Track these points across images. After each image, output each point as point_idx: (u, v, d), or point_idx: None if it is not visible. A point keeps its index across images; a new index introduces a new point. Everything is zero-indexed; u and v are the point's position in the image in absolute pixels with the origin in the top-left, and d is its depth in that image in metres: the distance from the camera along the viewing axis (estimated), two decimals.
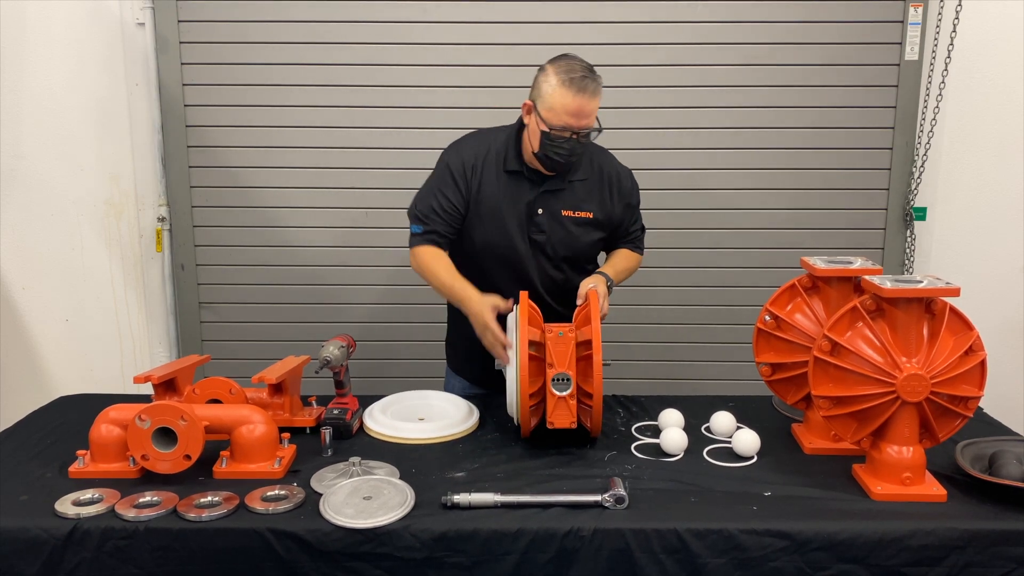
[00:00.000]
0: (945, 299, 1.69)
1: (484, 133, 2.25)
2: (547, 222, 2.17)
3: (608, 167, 2.25)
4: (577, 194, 2.19)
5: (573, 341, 1.85)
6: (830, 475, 1.79)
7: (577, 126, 2.01)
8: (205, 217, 3.27)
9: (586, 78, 1.99)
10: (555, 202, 2.17)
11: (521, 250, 2.18)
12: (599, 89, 2.02)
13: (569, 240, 2.20)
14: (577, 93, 1.98)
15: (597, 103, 2.03)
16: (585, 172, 2.20)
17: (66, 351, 3.37)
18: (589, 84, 1.99)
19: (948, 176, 3.25)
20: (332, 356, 1.99)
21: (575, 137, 2.03)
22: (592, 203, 2.20)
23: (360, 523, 1.55)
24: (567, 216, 2.18)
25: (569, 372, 1.82)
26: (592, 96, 2.00)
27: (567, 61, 2.04)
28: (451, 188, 2.15)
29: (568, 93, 1.98)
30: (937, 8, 3.09)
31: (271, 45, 3.14)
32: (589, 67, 2.03)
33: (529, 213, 2.16)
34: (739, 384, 3.26)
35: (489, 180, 2.15)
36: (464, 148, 2.21)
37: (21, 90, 3.16)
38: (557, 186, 2.16)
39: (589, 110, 2.01)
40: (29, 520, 1.57)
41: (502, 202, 2.15)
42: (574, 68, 2.00)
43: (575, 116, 1.99)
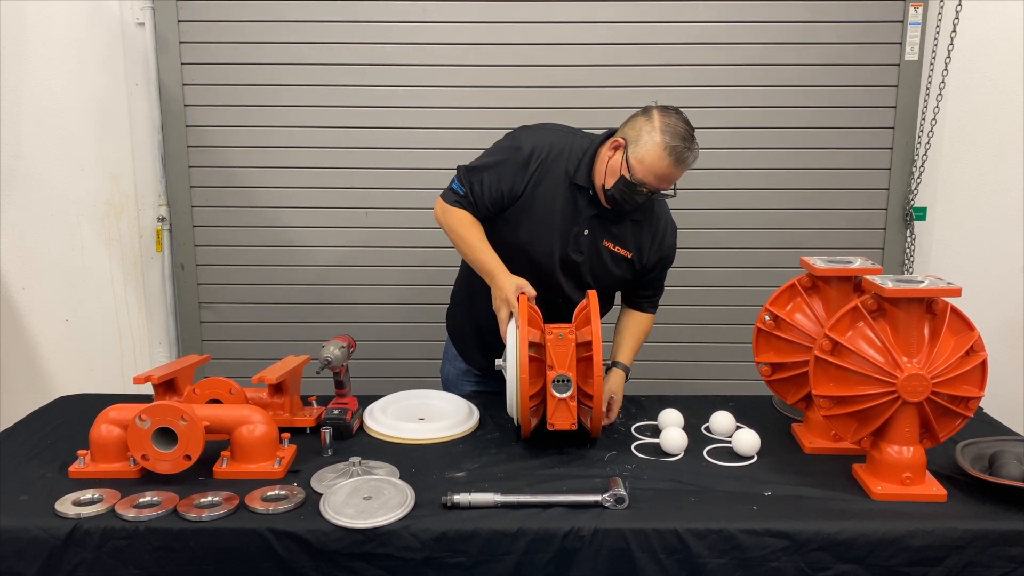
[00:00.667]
0: (946, 299, 1.69)
1: (564, 131, 2.18)
2: (587, 245, 2.12)
3: (662, 217, 2.19)
4: (626, 232, 2.13)
5: (573, 343, 1.85)
6: (830, 475, 1.79)
7: (659, 187, 1.99)
8: (205, 217, 3.27)
9: (688, 150, 1.94)
10: (600, 230, 2.12)
11: (555, 260, 2.13)
12: (695, 160, 1.98)
13: (601, 270, 2.15)
14: (675, 163, 1.94)
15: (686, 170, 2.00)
16: (641, 214, 2.13)
17: (66, 351, 3.37)
18: (689, 157, 1.95)
19: (948, 176, 3.25)
20: (332, 356, 1.99)
21: (651, 194, 2.01)
22: (633, 244, 2.15)
23: (360, 523, 1.55)
24: (607, 247, 2.13)
25: (569, 374, 1.82)
26: (687, 167, 1.97)
27: (675, 119, 1.96)
28: (512, 172, 2.07)
29: (667, 158, 1.93)
30: (937, 8, 3.09)
31: (271, 45, 3.14)
32: (692, 133, 1.97)
33: (574, 231, 2.11)
34: (739, 384, 3.26)
35: (553, 180, 2.09)
36: (543, 136, 2.12)
37: (21, 90, 3.16)
38: (610, 216, 2.11)
39: (675, 177, 1.99)
40: (29, 520, 1.57)
41: (555, 209, 2.10)
42: (679, 133, 1.94)
43: (662, 181, 1.98)
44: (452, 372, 2.45)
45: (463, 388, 2.40)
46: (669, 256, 2.24)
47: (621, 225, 2.13)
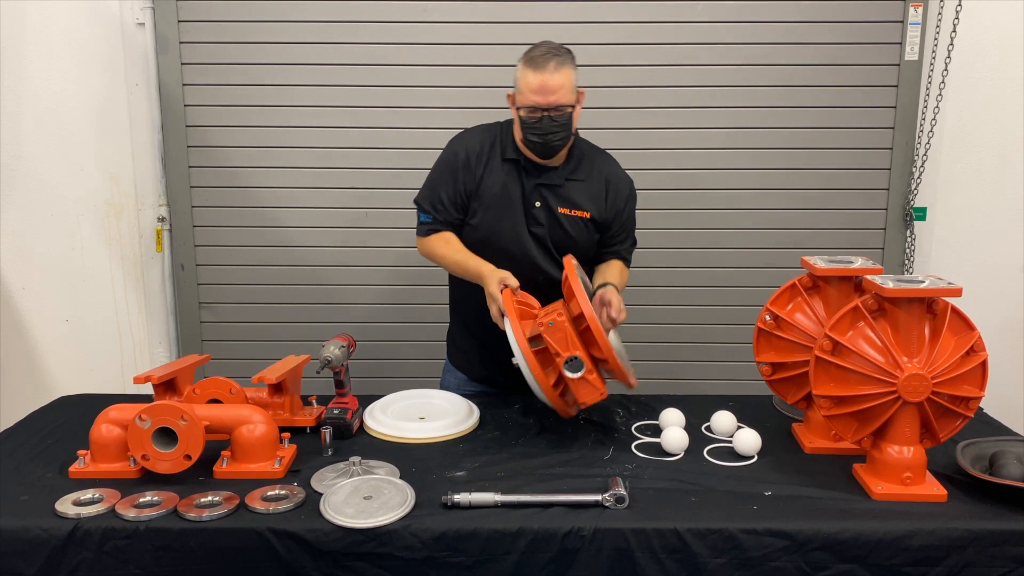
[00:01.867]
0: (946, 299, 1.69)
1: (487, 125, 2.29)
2: (545, 216, 2.19)
3: (609, 172, 2.25)
4: (575, 193, 2.20)
5: (566, 322, 1.85)
6: (830, 475, 1.79)
7: (544, 103, 2.03)
8: (205, 217, 3.27)
9: (546, 55, 2.02)
10: (552, 198, 2.19)
11: (523, 240, 2.19)
12: (563, 65, 2.03)
13: (565, 238, 2.20)
14: (537, 70, 2.02)
15: (562, 78, 2.03)
16: (584, 173, 2.21)
17: (66, 351, 3.37)
18: (549, 60, 2.01)
19: (948, 176, 3.25)
20: (332, 356, 1.99)
21: (547, 115, 2.04)
22: (589, 204, 2.21)
23: (360, 523, 1.55)
24: (563, 214, 2.19)
25: (575, 353, 1.83)
26: (555, 71, 2.01)
27: (536, 45, 2.08)
28: (457, 176, 2.19)
29: (529, 72, 2.04)
30: (937, 8, 3.09)
31: (271, 45, 3.14)
32: (558, 47, 2.06)
33: (526, 205, 2.18)
34: (739, 384, 3.26)
35: (492, 169, 2.18)
36: (469, 138, 2.24)
37: (21, 90, 3.16)
38: (553, 181, 2.18)
39: (553, 86, 2.02)
40: (29, 520, 1.57)
41: (503, 191, 2.18)
42: (537, 48, 2.06)
43: (539, 93, 2.02)
44: (452, 382, 2.46)
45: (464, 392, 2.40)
46: (627, 207, 2.27)
47: (568, 188, 2.19)
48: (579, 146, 2.24)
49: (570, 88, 2.06)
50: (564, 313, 1.89)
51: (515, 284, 2.00)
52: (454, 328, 2.47)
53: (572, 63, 2.07)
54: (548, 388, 1.87)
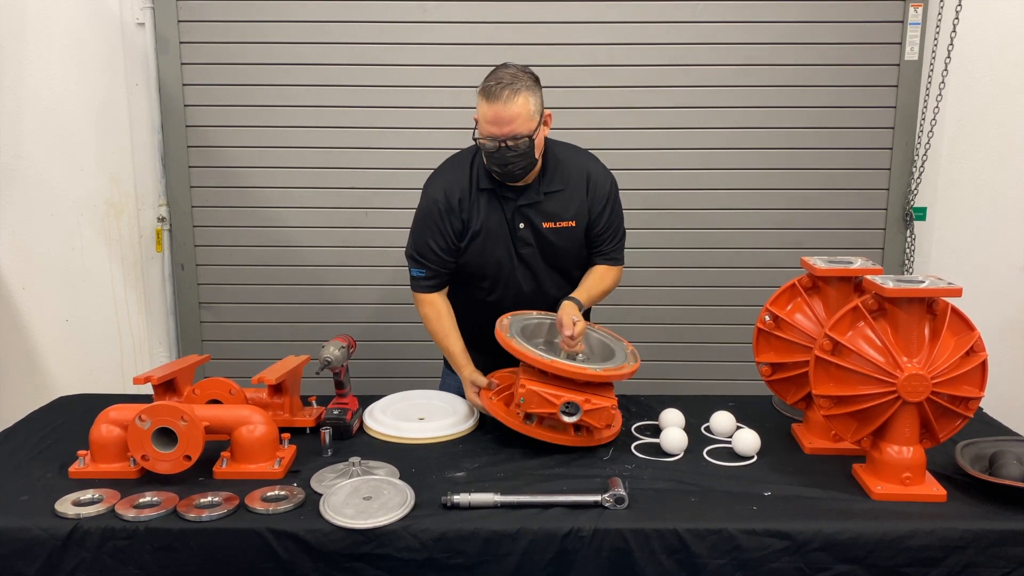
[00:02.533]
0: (946, 299, 1.69)
1: (457, 159, 2.21)
2: (532, 236, 2.15)
3: (588, 170, 2.19)
4: (555, 205, 2.15)
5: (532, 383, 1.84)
6: (830, 475, 1.79)
7: (500, 134, 1.96)
8: (205, 217, 3.26)
9: (499, 84, 1.94)
10: (535, 215, 2.14)
11: (512, 266, 2.18)
12: (517, 94, 1.94)
13: (554, 252, 2.18)
14: (490, 101, 1.94)
15: (517, 108, 1.94)
16: (561, 182, 2.15)
17: (66, 351, 3.37)
18: (502, 90, 1.93)
19: (948, 176, 3.25)
20: (332, 356, 1.99)
21: (504, 145, 1.97)
22: (571, 212, 2.16)
23: (360, 523, 1.55)
24: (548, 228, 2.15)
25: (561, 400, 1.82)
26: (507, 102, 1.93)
27: (494, 72, 1.99)
28: (442, 224, 2.13)
29: (484, 103, 1.96)
30: (937, 8, 3.09)
31: (271, 45, 3.14)
32: (514, 73, 1.97)
33: (512, 228, 2.15)
34: (739, 384, 3.26)
35: (473, 205, 2.14)
36: (444, 181, 2.17)
37: (21, 90, 3.16)
38: (533, 199, 2.13)
39: (507, 116, 1.94)
40: (29, 520, 1.57)
41: (486, 225, 2.14)
42: (492, 77, 1.97)
43: (494, 124, 1.95)
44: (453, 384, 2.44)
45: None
46: (608, 203, 2.20)
47: (549, 202, 2.14)
48: (553, 155, 2.16)
49: (528, 116, 1.97)
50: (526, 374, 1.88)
51: (484, 383, 2.04)
52: None
53: (530, 89, 1.98)
54: (575, 439, 1.88)
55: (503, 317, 2.06)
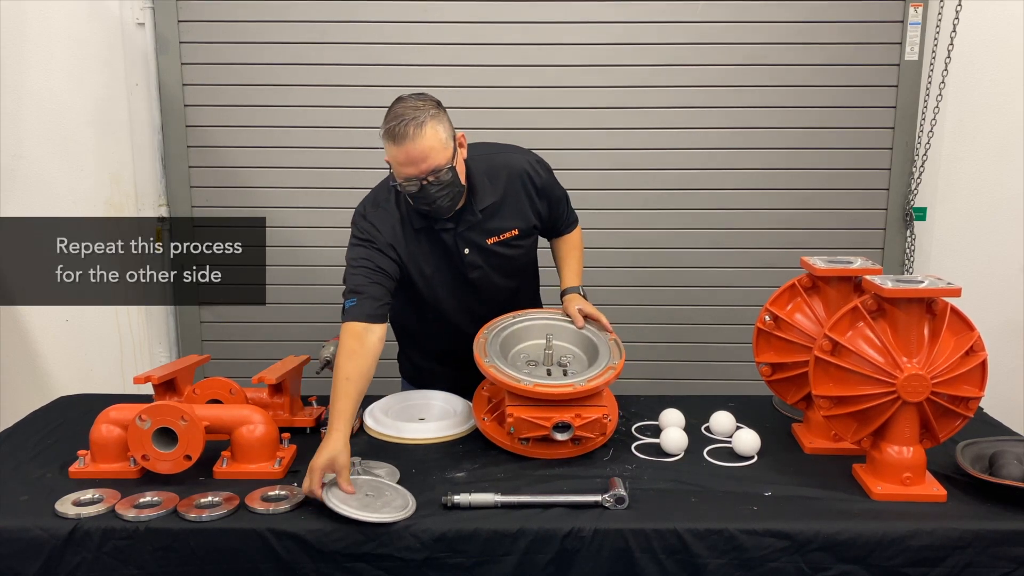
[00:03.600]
0: (946, 299, 1.69)
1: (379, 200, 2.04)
2: (479, 257, 2.06)
3: (514, 170, 2.06)
4: (495, 219, 2.04)
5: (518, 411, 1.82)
6: (830, 475, 1.79)
7: (417, 174, 1.84)
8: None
9: (401, 122, 1.80)
10: (477, 236, 2.04)
11: (465, 292, 2.10)
12: (422, 127, 1.80)
13: (504, 263, 2.10)
14: (397, 143, 1.81)
15: (427, 142, 1.81)
16: (493, 194, 2.03)
17: (66, 351, 3.37)
18: (406, 128, 1.79)
19: (948, 176, 3.25)
20: (333, 356, 1.98)
21: (427, 182, 1.86)
22: (513, 220, 2.07)
23: (366, 516, 1.55)
24: (493, 243, 2.06)
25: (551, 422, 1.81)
26: (414, 139, 1.80)
27: (392, 108, 1.86)
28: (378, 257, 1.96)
29: (391, 146, 1.83)
30: (937, 8, 3.09)
31: (271, 45, 3.14)
32: (414, 104, 1.84)
33: (458, 259, 2.05)
34: (739, 384, 3.26)
35: (410, 241, 2.01)
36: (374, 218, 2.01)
37: (21, 90, 3.15)
38: (470, 220, 2.01)
39: (419, 154, 1.81)
40: (29, 520, 1.57)
41: (429, 263, 2.04)
42: (390, 116, 1.83)
43: (408, 165, 1.83)
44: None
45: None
46: (554, 191, 2.13)
47: (486, 218, 2.03)
48: (477, 170, 2.02)
49: (441, 146, 1.84)
50: (511, 400, 1.86)
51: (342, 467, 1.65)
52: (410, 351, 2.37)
53: (435, 117, 1.84)
54: (573, 450, 1.87)
55: (479, 334, 2.02)
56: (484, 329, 2.05)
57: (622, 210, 3.24)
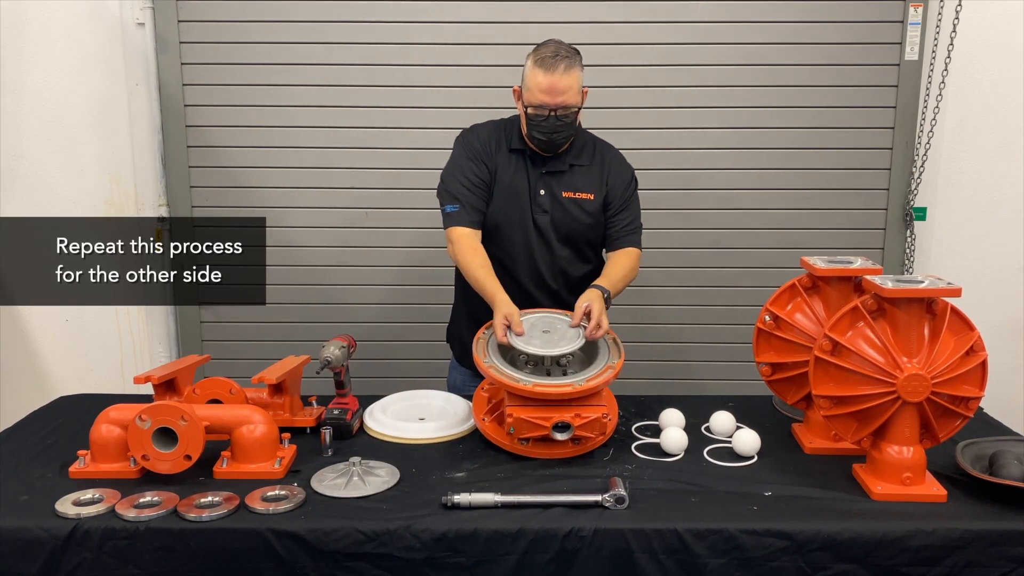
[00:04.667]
0: (946, 299, 1.69)
1: (492, 121, 2.34)
2: (549, 202, 2.22)
3: (610, 159, 2.30)
4: (578, 177, 2.24)
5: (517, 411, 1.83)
6: (830, 475, 1.79)
7: (552, 103, 2.07)
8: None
9: (556, 56, 2.05)
10: (556, 184, 2.23)
11: (526, 230, 2.23)
12: (572, 67, 2.07)
13: (569, 220, 2.24)
14: (547, 71, 2.05)
15: (571, 80, 2.07)
16: (587, 159, 2.26)
17: (66, 351, 3.37)
18: (559, 63, 2.05)
19: (948, 176, 3.25)
20: (333, 356, 1.99)
21: (553, 114, 2.09)
22: (592, 187, 2.25)
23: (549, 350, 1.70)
24: (567, 197, 2.23)
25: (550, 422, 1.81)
26: (564, 73, 2.05)
27: (545, 44, 2.11)
28: (476, 163, 2.23)
29: (539, 72, 2.06)
30: (937, 8, 3.09)
31: (271, 45, 3.14)
32: (567, 48, 2.09)
33: (532, 193, 2.22)
34: (739, 384, 3.26)
35: (502, 159, 2.24)
36: (480, 130, 2.30)
37: (21, 90, 3.15)
38: (558, 167, 2.23)
39: (562, 87, 2.06)
40: (29, 520, 1.57)
41: (511, 181, 2.23)
42: (547, 48, 2.08)
43: (548, 93, 2.06)
44: (459, 379, 2.46)
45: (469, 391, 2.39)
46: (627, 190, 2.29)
47: (572, 174, 2.24)
48: (582, 135, 2.28)
49: (577, 89, 2.10)
50: (511, 400, 1.86)
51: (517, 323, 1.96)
52: (459, 323, 2.45)
53: (580, 64, 2.11)
54: (573, 450, 1.87)
55: (479, 334, 2.04)
56: (484, 329, 2.06)
57: None
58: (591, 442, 1.89)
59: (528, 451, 1.87)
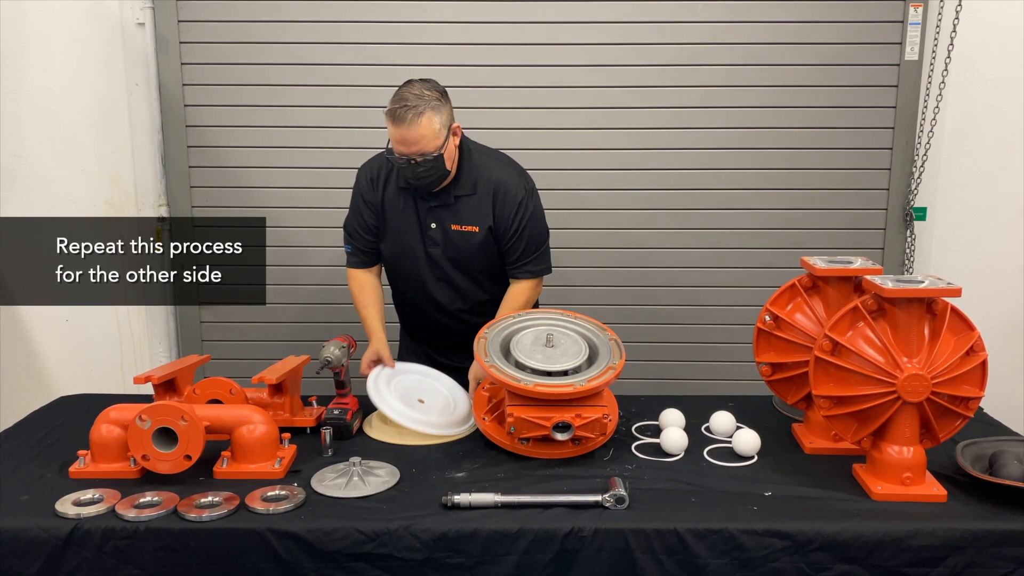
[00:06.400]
0: (946, 299, 1.69)
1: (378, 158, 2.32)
2: (440, 235, 2.24)
3: (498, 180, 2.23)
4: (464, 209, 2.23)
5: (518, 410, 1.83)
6: (830, 475, 1.79)
7: (408, 153, 2.07)
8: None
9: (404, 107, 2.02)
10: (446, 217, 2.23)
11: (421, 262, 2.27)
12: (420, 115, 2.03)
13: (460, 254, 2.25)
14: (395, 124, 2.05)
15: (421, 129, 2.03)
16: (470, 189, 2.23)
17: (66, 351, 3.37)
18: (407, 113, 2.02)
19: (948, 176, 3.25)
20: (333, 356, 1.99)
21: (414, 162, 2.08)
22: (477, 218, 2.22)
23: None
24: (456, 230, 2.23)
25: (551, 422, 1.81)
26: (411, 124, 2.02)
27: (396, 93, 2.08)
28: (365, 205, 2.29)
29: (389, 123, 2.07)
30: (937, 8, 3.09)
31: (271, 45, 3.14)
32: (417, 94, 2.06)
33: (423, 228, 2.24)
34: (739, 384, 3.26)
35: (390, 195, 2.26)
36: (369, 168, 2.32)
37: (21, 90, 3.15)
38: (445, 201, 2.22)
39: (413, 138, 2.04)
40: (29, 520, 1.57)
41: (400, 216, 2.25)
42: (397, 98, 2.06)
43: (401, 144, 2.06)
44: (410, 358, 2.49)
45: None
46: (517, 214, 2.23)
47: (458, 205, 2.23)
48: (470, 161, 2.23)
49: (433, 135, 2.06)
50: (512, 400, 1.86)
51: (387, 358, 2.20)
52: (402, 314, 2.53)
53: (434, 108, 2.06)
54: (573, 450, 1.88)
55: (480, 333, 2.03)
56: (484, 329, 2.06)
57: (622, 210, 3.24)
58: (591, 442, 1.89)
59: (528, 451, 1.87)
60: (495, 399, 2.01)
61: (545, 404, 1.83)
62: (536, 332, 2.02)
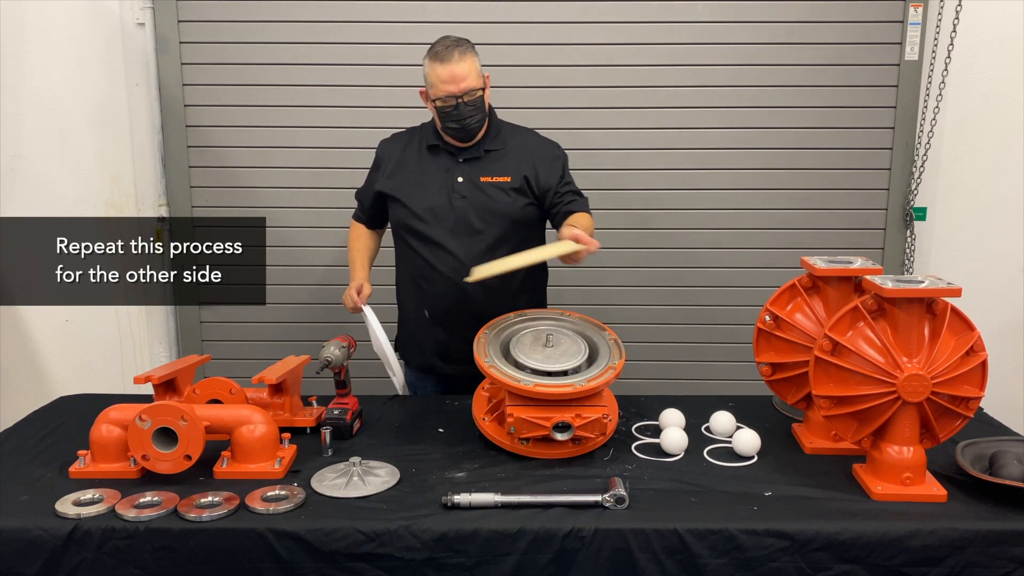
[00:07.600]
0: (946, 299, 1.69)
1: (411, 128, 2.48)
2: (468, 188, 2.30)
3: (529, 141, 2.39)
4: (494, 162, 2.33)
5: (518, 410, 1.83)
6: (830, 475, 1.79)
7: (456, 91, 2.18)
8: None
9: (449, 47, 2.19)
10: (473, 170, 2.32)
11: (445, 216, 2.29)
12: (466, 53, 2.20)
13: (489, 204, 2.30)
14: (444, 63, 2.18)
15: (469, 65, 2.19)
16: (500, 144, 2.34)
17: (66, 351, 3.37)
18: (453, 51, 2.18)
19: (948, 176, 3.25)
20: (333, 356, 1.99)
21: (461, 101, 2.20)
22: (508, 170, 2.32)
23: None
24: (486, 182, 2.31)
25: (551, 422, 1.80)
26: (459, 60, 2.18)
27: (436, 42, 2.24)
28: (374, 172, 2.46)
29: (437, 65, 2.19)
30: (937, 8, 3.09)
31: (271, 45, 3.14)
32: (456, 37, 2.23)
33: (450, 181, 2.31)
34: (739, 384, 3.26)
35: (411, 159, 2.37)
36: (388, 140, 2.48)
37: (21, 90, 3.15)
38: (474, 155, 2.32)
39: (462, 73, 2.18)
40: (29, 520, 1.57)
41: (425, 174, 2.33)
42: (438, 43, 2.22)
43: (450, 83, 2.18)
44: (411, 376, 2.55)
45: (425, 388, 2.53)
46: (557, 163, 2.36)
47: (488, 159, 2.33)
48: (496, 123, 2.37)
49: (477, 73, 2.22)
50: (511, 400, 1.86)
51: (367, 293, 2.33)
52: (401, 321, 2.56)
53: (473, 51, 2.23)
54: (573, 450, 1.87)
55: (479, 334, 2.03)
56: (484, 328, 2.06)
57: (622, 210, 3.24)
58: (591, 442, 1.89)
59: (528, 451, 1.87)
60: (495, 399, 2.01)
61: (545, 404, 1.83)
62: (536, 332, 2.02)
